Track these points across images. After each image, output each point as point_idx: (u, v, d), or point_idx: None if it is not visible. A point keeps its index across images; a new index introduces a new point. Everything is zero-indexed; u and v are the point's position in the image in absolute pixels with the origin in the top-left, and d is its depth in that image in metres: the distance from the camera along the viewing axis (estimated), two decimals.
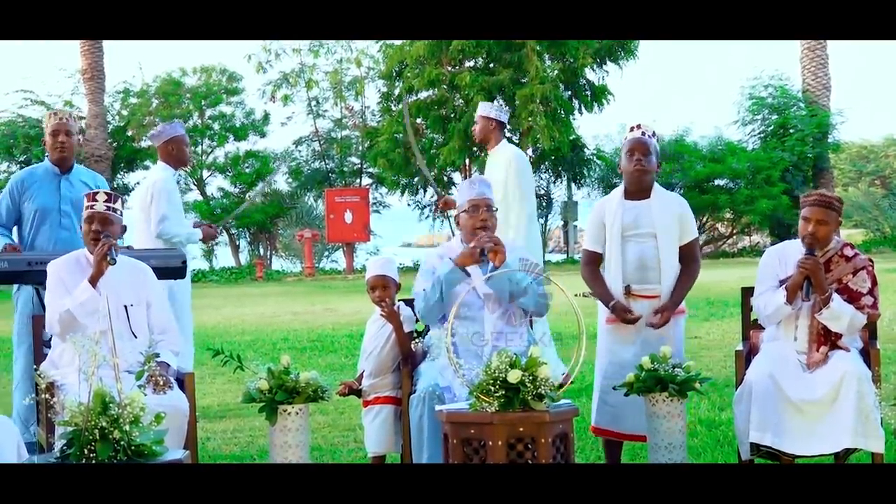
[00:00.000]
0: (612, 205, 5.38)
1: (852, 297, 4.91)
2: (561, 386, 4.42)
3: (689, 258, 5.36)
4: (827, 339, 4.91)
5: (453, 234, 5.48)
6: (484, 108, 7.60)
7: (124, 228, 5.14)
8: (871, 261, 5.04)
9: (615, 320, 5.29)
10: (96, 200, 4.97)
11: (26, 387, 6.25)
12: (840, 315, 4.85)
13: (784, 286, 4.92)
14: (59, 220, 6.33)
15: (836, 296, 4.85)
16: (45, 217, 6.33)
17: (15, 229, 6.47)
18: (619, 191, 5.44)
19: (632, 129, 5.43)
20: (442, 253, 5.24)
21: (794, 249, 5.02)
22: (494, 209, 5.18)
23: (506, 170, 7.32)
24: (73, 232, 6.24)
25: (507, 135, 21.42)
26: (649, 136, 5.37)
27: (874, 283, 4.97)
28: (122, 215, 5.04)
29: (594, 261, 5.42)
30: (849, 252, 5.00)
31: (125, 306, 4.92)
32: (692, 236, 5.40)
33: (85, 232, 4.99)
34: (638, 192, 5.37)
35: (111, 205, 4.98)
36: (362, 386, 5.37)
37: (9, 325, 6.58)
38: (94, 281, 4.85)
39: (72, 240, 6.24)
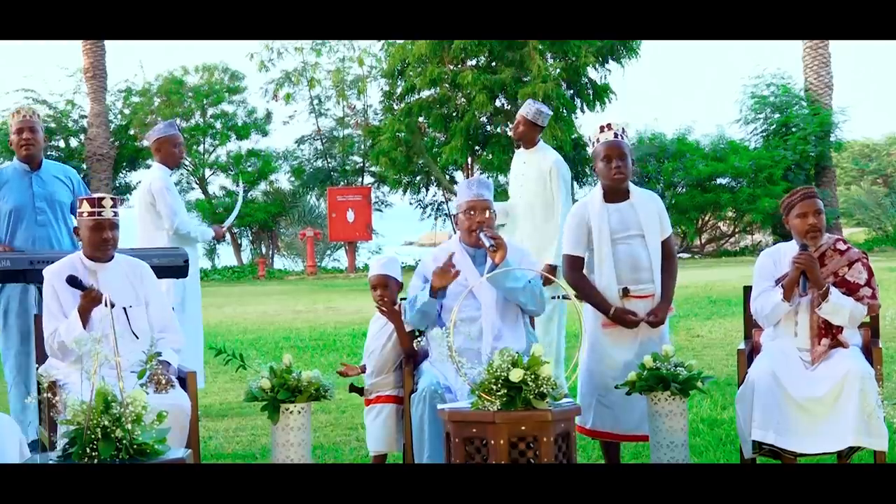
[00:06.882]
0: (595, 208, 5.30)
1: (850, 290, 4.92)
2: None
3: (669, 253, 5.37)
4: (828, 332, 4.91)
5: (454, 233, 5.44)
6: (527, 110, 7.20)
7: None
8: (864, 253, 5.06)
9: (612, 324, 5.25)
10: (103, 206, 4.87)
11: (20, 386, 6.26)
12: (840, 308, 4.85)
13: (780, 284, 4.93)
14: (34, 217, 6.32)
15: (833, 289, 4.86)
16: (21, 216, 6.31)
17: None
18: (597, 194, 5.35)
19: (602, 129, 5.28)
20: (437, 255, 5.22)
21: (788, 250, 5.03)
22: (492, 211, 5.16)
23: (548, 175, 6.95)
24: (50, 227, 6.26)
25: (509, 134, 21.53)
26: (621, 135, 5.26)
27: (870, 273, 4.98)
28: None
29: (579, 266, 5.34)
30: (841, 246, 5.03)
31: (124, 308, 4.89)
32: (670, 231, 5.42)
33: (93, 239, 4.88)
34: (617, 194, 5.33)
35: (117, 210, 4.94)
36: (365, 385, 5.37)
37: None
38: (83, 314, 4.72)
39: (49, 236, 6.25)
